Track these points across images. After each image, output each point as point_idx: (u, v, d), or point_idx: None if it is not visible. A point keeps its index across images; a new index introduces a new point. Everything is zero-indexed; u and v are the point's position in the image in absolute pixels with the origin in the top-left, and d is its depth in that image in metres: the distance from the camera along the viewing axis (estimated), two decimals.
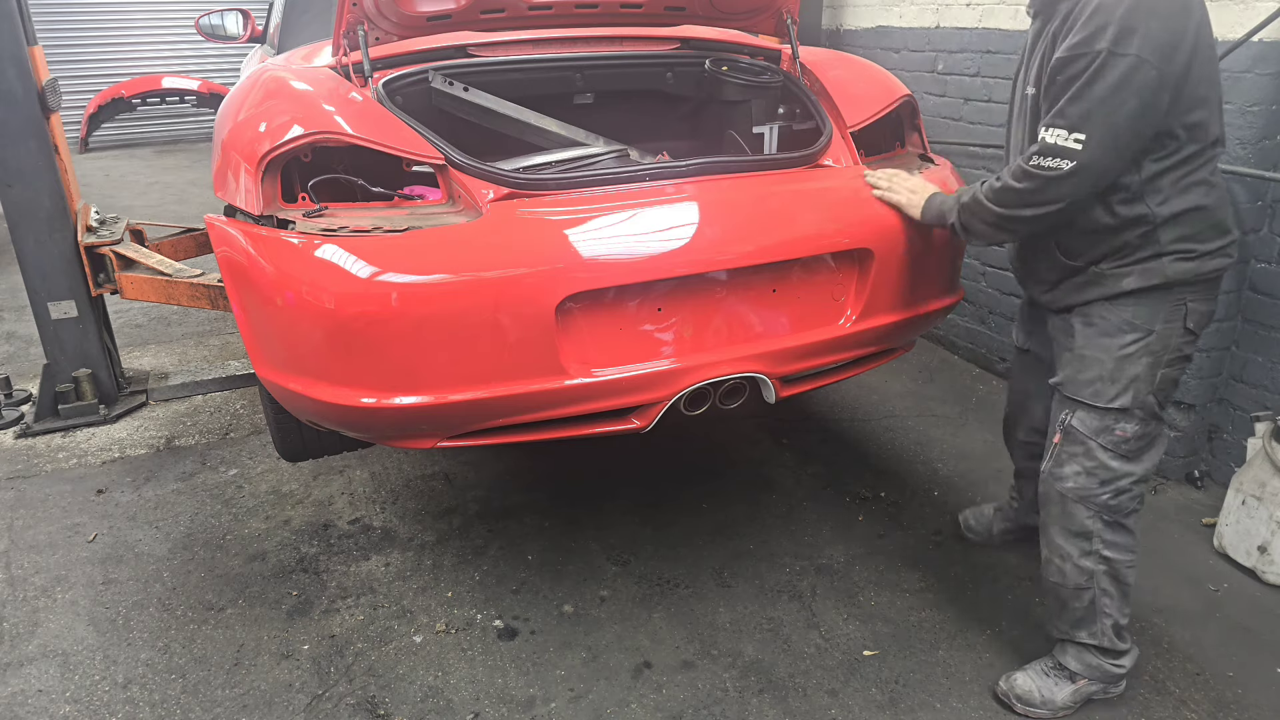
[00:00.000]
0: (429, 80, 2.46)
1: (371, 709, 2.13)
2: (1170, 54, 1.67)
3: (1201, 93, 1.75)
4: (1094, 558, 1.99)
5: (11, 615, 2.45)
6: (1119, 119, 1.69)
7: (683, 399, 2.15)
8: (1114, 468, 1.94)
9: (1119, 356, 1.89)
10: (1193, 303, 1.87)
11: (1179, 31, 1.67)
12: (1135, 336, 1.88)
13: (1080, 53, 1.70)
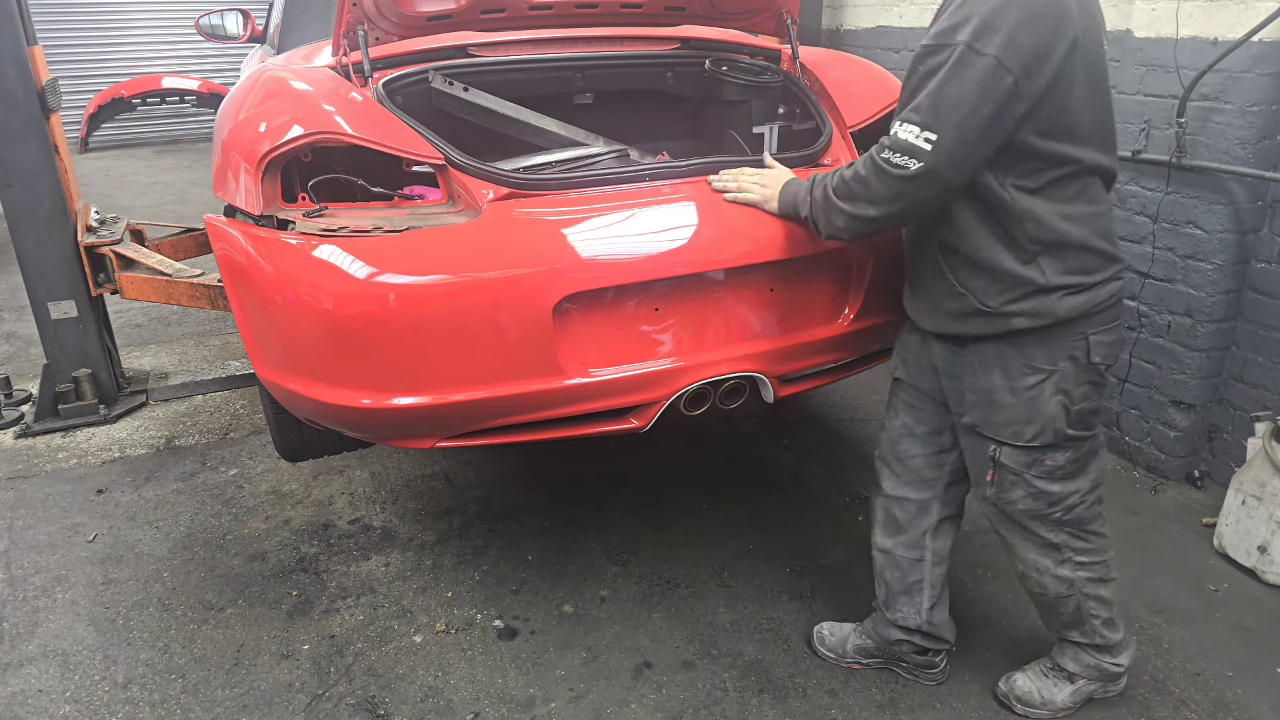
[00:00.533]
0: (429, 80, 2.46)
1: (371, 709, 2.13)
2: (1032, 67, 1.53)
3: (1070, 122, 1.61)
4: (1069, 565, 1.93)
5: (11, 615, 2.45)
6: (972, 124, 1.56)
7: (682, 399, 2.15)
8: (1055, 491, 1.85)
9: (1026, 399, 1.77)
10: (1094, 335, 1.74)
11: (1045, 49, 1.54)
12: (1038, 378, 1.75)
13: (942, 43, 1.59)
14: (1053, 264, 1.69)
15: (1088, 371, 1.76)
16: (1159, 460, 3.11)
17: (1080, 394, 1.77)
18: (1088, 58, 1.59)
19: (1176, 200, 2.91)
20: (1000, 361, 1.78)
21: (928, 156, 1.60)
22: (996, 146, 1.61)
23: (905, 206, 1.69)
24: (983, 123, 1.56)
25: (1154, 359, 3.07)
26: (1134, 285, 3.09)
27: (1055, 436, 1.79)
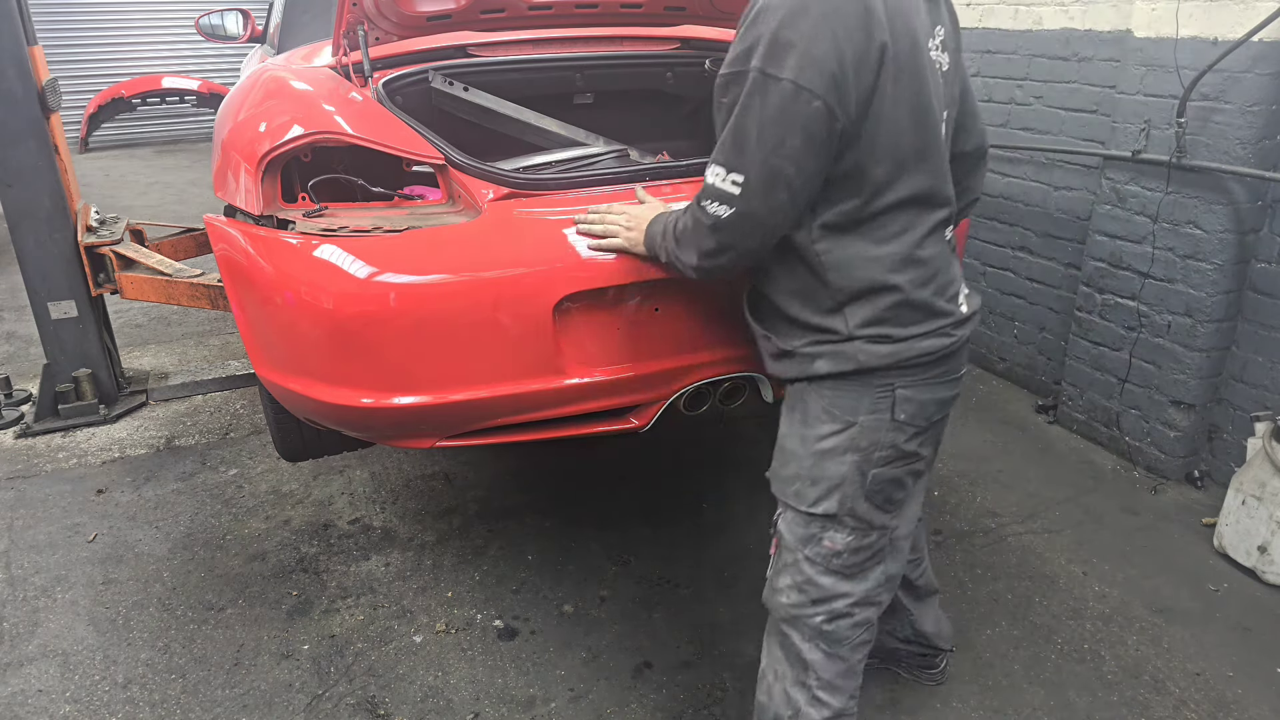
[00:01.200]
0: (429, 80, 2.46)
1: (371, 709, 2.13)
2: (841, 83, 1.31)
3: (891, 144, 1.38)
4: (806, 694, 1.65)
5: (11, 615, 2.45)
6: (782, 159, 1.34)
7: (682, 399, 2.15)
8: (824, 585, 1.59)
9: (817, 451, 1.55)
10: (902, 389, 1.49)
11: (853, 60, 1.30)
12: (835, 428, 1.52)
13: (736, 70, 1.36)
14: (859, 312, 1.46)
15: (892, 431, 1.51)
16: (1159, 460, 3.11)
17: (879, 458, 1.51)
18: (905, 68, 1.36)
19: (1176, 200, 2.91)
20: (803, 406, 1.58)
21: (738, 201, 1.39)
22: (821, 179, 1.40)
23: (735, 255, 1.47)
24: (794, 155, 1.34)
25: (1154, 359, 3.07)
26: (1134, 285, 3.09)
27: (841, 506, 1.54)
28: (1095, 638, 2.35)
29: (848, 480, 1.53)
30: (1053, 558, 2.67)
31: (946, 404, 1.56)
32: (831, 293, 1.47)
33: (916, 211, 1.44)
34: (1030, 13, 3.52)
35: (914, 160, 1.41)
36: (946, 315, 1.49)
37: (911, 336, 1.47)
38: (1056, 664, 2.26)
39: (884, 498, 1.56)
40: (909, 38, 1.36)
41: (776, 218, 1.41)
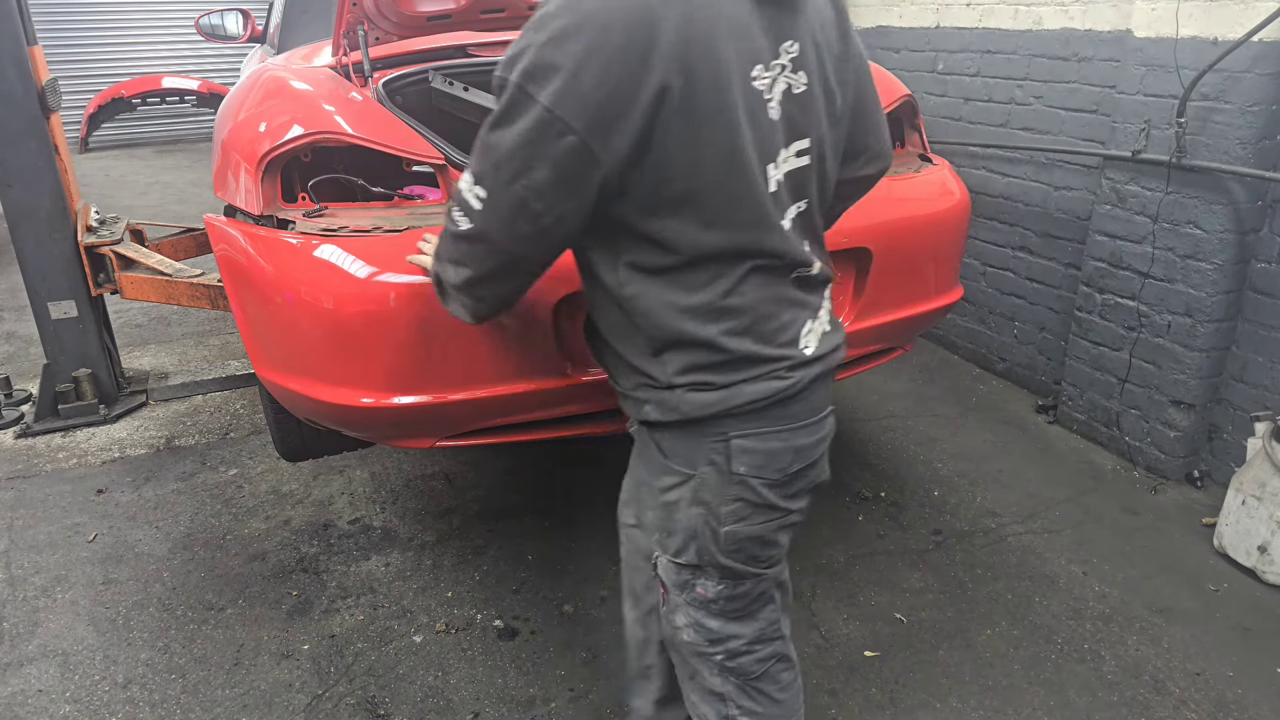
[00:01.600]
0: (429, 80, 2.46)
1: (371, 709, 2.13)
2: (608, 123, 1.10)
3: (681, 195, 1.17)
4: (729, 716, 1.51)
5: (11, 615, 2.45)
6: (524, 190, 1.15)
7: None
8: (714, 628, 1.43)
9: (664, 502, 1.39)
10: (739, 440, 1.30)
11: (625, 98, 1.09)
12: (675, 480, 1.36)
13: (501, 75, 1.18)
14: (675, 359, 1.29)
15: (733, 484, 1.32)
16: (1159, 460, 3.12)
17: (728, 513, 1.33)
18: (701, 110, 1.13)
19: (1176, 200, 2.91)
20: (647, 452, 1.42)
21: (477, 217, 1.21)
22: (580, 218, 1.20)
23: (474, 275, 1.28)
24: (541, 189, 1.15)
25: (1154, 359, 3.07)
26: (1134, 285, 3.09)
27: (701, 558, 1.37)
28: (1095, 638, 2.35)
29: (700, 534, 1.36)
30: (1053, 558, 2.68)
31: (807, 451, 1.36)
32: (647, 338, 1.30)
33: (729, 261, 1.24)
34: (1030, 13, 3.52)
35: (724, 211, 1.20)
36: (777, 360, 1.29)
37: (736, 382, 1.28)
38: (1056, 664, 2.26)
39: (747, 555, 1.37)
40: (711, 75, 1.13)
41: (520, 248, 1.23)
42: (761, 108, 1.20)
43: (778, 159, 1.25)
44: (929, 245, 2.40)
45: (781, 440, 1.32)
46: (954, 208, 2.48)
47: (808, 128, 1.28)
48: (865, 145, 1.48)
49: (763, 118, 1.21)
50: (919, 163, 2.62)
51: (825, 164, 1.35)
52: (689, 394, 1.29)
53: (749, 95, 1.18)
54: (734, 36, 1.15)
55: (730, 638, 1.44)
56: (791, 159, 1.27)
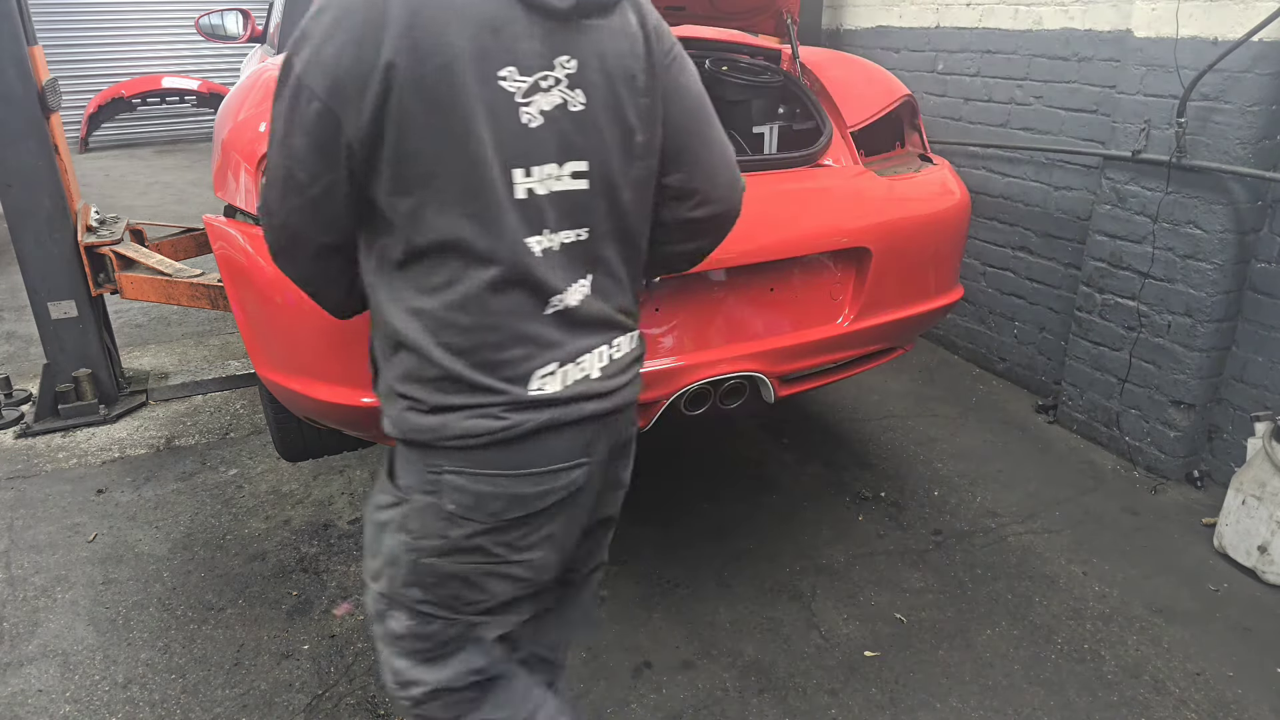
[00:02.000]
0: None
1: (371, 709, 2.13)
2: (345, 93, 1.13)
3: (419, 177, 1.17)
4: None
5: (11, 615, 2.45)
6: (289, 159, 1.19)
7: (683, 399, 2.15)
8: (398, 668, 1.36)
9: (375, 521, 1.35)
10: (451, 475, 1.24)
11: (359, 71, 1.12)
12: (390, 500, 1.32)
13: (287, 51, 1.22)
14: (399, 363, 1.25)
15: (441, 520, 1.26)
16: (1159, 460, 3.12)
17: (431, 547, 1.27)
18: (431, 93, 1.13)
19: (1176, 200, 2.91)
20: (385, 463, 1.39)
21: (262, 191, 1.26)
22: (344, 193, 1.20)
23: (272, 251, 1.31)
24: (301, 157, 1.18)
25: (1154, 359, 3.07)
26: (1134, 285, 3.09)
27: (392, 586, 1.33)
28: (1095, 638, 2.35)
29: (399, 561, 1.31)
30: (1053, 558, 2.68)
31: (530, 501, 1.26)
32: (383, 334, 1.27)
33: (462, 265, 1.19)
34: (1030, 13, 3.52)
35: (458, 202, 1.17)
36: (496, 394, 1.21)
37: (449, 408, 1.22)
38: (1056, 664, 2.26)
39: (448, 593, 1.31)
40: (438, 60, 1.13)
41: (295, 220, 1.24)
42: (510, 110, 1.17)
43: (532, 169, 1.20)
44: (929, 245, 2.40)
45: (498, 486, 1.25)
46: (954, 208, 2.48)
47: (587, 151, 1.23)
48: (693, 189, 1.38)
49: (510, 120, 1.17)
50: (919, 163, 2.62)
51: (619, 195, 1.27)
52: (407, 412, 1.25)
53: (492, 92, 1.16)
54: (477, 30, 1.15)
55: (414, 683, 1.35)
56: (566, 179, 1.22)
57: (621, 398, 1.33)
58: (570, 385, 1.25)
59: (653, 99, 1.29)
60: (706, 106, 1.37)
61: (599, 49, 1.22)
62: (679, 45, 1.35)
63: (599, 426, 1.31)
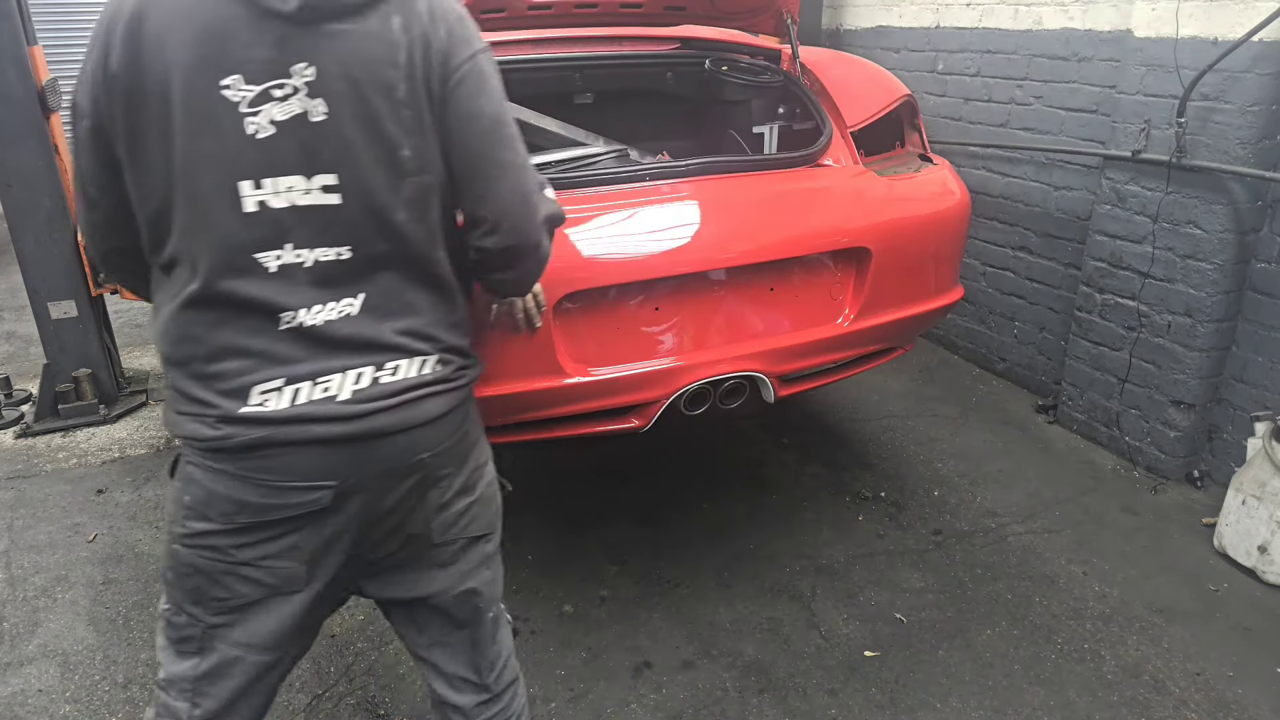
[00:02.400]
0: None
1: (371, 709, 2.13)
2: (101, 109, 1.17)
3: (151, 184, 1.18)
4: None
5: (11, 615, 2.45)
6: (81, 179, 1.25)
7: (683, 398, 2.15)
8: (157, 644, 1.36)
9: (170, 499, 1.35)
10: (191, 466, 1.25)
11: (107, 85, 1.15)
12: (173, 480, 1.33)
13: None
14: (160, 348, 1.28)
15: (179, 508, 1.27)
16: (1159, 460, 3.11)
17: (176, 534, 1.28)
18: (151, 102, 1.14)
19: (1176, 200, 2.91)
20: None
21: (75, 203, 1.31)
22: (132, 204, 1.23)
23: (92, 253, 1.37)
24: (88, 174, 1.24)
25: (1154, 359, 3.07)
26: (1134, 285, 3.09)
27: (161, 567, 1.34)
28: (1095, 638, 2.35)
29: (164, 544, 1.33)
30: (1053, 558, 2.67)
31: (258, 510, 1.23)
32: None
33: (187, 276, 1.19)
34: (1030, 13, 3.52)
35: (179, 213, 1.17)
36: (208, 405, 1.20)
37: (179, 410, 1.24)
38: (1056, 664, 2.26)
39: (193, 585, 1.28)
40: (157, 71, 1.13)
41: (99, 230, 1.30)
42: (235, 120, 1.14)
43: (264, 181, 1.15)
44: (929, 245, 2.40)
45: (226, 487, 1.22)
46: (954, 208, 2.48)
47: (335, 164, 1.18)
48: (481, 216, 1.29)
49: (235, 131, 1.14)
50: (919, 163, 2.62)
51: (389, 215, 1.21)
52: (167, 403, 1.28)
53: (212, 103, 1.13)
54: (201, 38, 1.12)
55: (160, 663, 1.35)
56: (316, 193, 1.18)
57: (378, 423, 1.24)
58: (301, 405, 1.21)
59: (418, 111, 1.20)
60: (503, 130, 1.27)
61: (343, 55, 1.16)
62: (481, 62, 1.24)
63: (352, 450, 1.24)
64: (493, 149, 1.26)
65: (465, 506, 1.39)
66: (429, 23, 1.20)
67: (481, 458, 1.44)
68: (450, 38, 1.21)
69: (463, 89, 1.22)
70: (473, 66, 1.23)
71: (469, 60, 1.23)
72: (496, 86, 1.27)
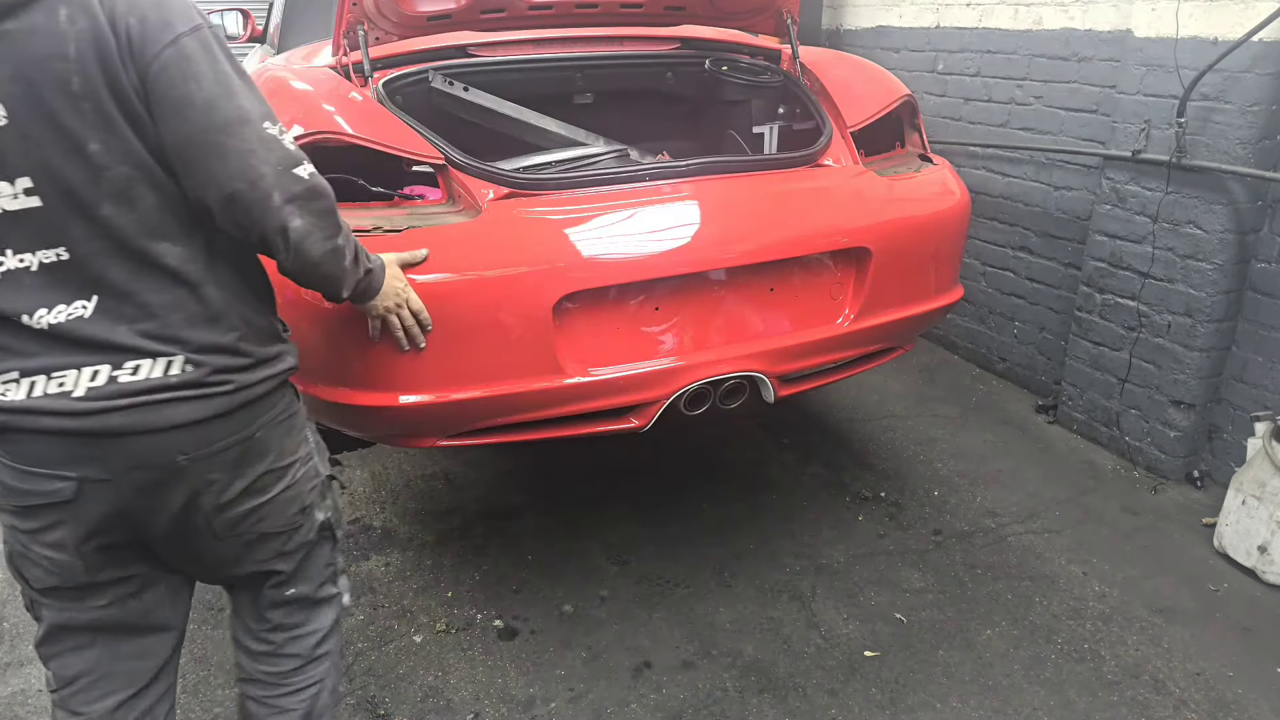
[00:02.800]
0: (429, 80, 2.46)
1: (371, 709, 2.13)
2: None
3: None
4: None
5: (11, 615, 2.45)
6: None
7: (682, 398, 2.15)
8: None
9: None
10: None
11: None
12: None
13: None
14: None
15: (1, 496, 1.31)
16: (1159, 460, 3.11)
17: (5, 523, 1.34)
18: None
19: (1176, 200, 2.91)
20: None
21: None
22: None
23: None
24: None
25: (1154, 359, 3.07)
26: (1134, 285, 3.09)
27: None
28: (1095, 638, 2.35)
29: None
30: (1053, 558, 2.67)
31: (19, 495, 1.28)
32: None
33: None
34: (1030, 13, 3.52)
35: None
36: None
37: None
38: (1056, 664, 2.26)
39: (16, 555, 1.35)
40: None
41: None
42: None
43: None
44: (930, 245, 2.40)
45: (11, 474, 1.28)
46: (954, 208, 2.48)
47: (27, 167, 1.17)
48: (206, 205, 1.26)
49: None
50: (919, 163, 2.62)
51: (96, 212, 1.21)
52: None
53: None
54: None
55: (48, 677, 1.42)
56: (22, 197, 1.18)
57: (112, 421, 1.25)
58: (36, 397, 1.24)
59: (98, 103, 1.17)
60: (217, 114, 1.22)
61: (13, 56, 1.14)
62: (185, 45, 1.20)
63: (89, 444, 1.26)
64: (207, 134, 1.22)
65: (254, 507, 1.40)
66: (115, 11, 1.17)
67: (280, 460, 1.42)
68: (144, 24, 1.18)
69: (165, 77, 1.19)
70: (175, 51, 1.19)
71: (170, 45, 1.19)
72: (208, 68, 1.21)
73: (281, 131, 1.28)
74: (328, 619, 1.62)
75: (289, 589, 1.54)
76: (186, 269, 1.28)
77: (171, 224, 1.26)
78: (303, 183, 1.29)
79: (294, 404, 1.47)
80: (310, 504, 1.50)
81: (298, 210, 1.28)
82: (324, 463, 1.56)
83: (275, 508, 1.43)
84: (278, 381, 1.40)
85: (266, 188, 1.25)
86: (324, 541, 1.56)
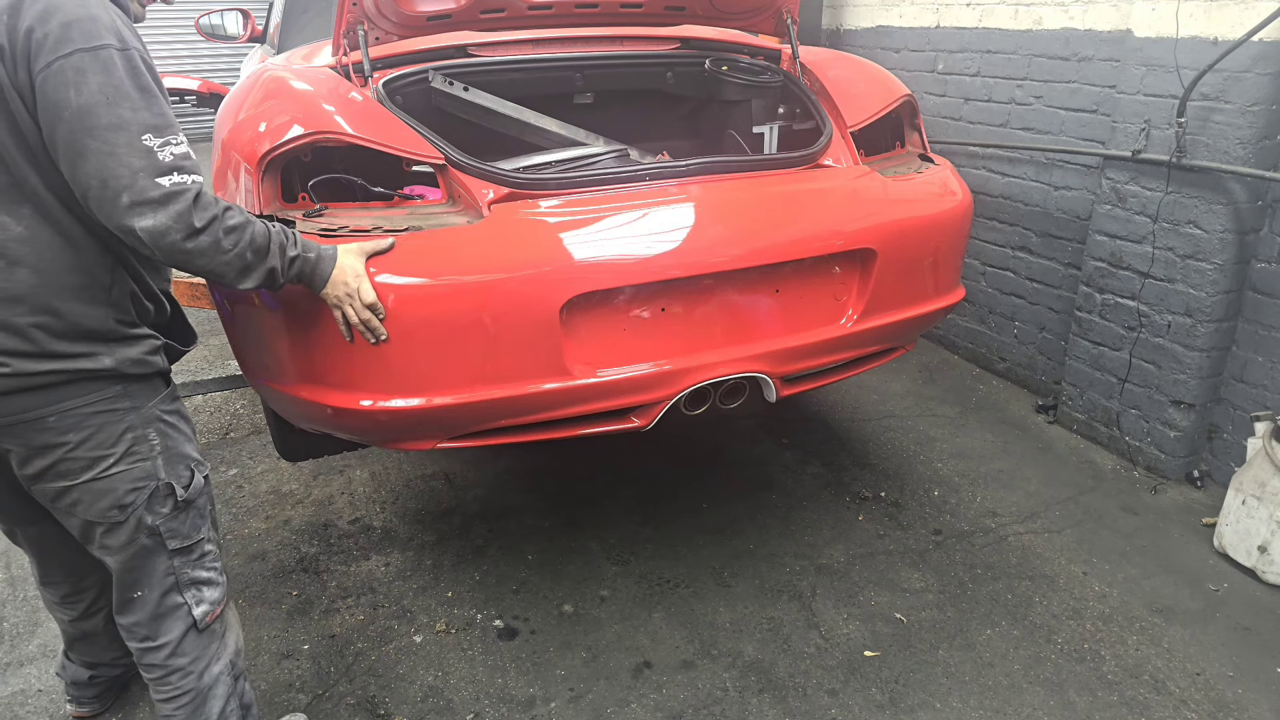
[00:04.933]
0: (429, 80, 2.46)
1: (371, 709, 2.13)
2: None
3: None
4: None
5: (12, 615, 2.45)
6: None
7: (683, 398, 2.15)
8: None
9: None
10: None
11: None
12: None
13: None
14: None
15: None
16: (1159, 460, 3.12)
17: None
18: None
19: (1176, 200, 2.91)
20: None
21: None
22: None
23: None
24: None
25: (1154, 359, 3.07)
26: (1134, 285, 3.09)
27: None
28: (1095, 638, 2.35)
29: None
30: (1053, 558, 2.68)
31: None
32: None
33: None
34: (1030, 13, 3.52)
35: None
36: None
37: None
38: (1056, 664, 2.26)
39: None
40: None
41: None
42: None
43: None
44: (933, 246, 2.40)
45: None
46: (957, 208, 2.48)
47: None
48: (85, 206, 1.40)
49: None
50: (919, 163, 2.62)
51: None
52: None
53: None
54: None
55: None
56: None
57: None
58: None
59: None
60: (90, 119, 1.34)
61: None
62: (77, 60, 1.32)
63: None
64: (75, 136, 1.34)
65: (63, 488, 1.52)
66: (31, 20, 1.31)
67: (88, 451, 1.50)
68: (47, 37, 1.32)
69: (50, 83, 1.32)
70: (65, 63, 1.32)
71: (63, 58, 1.32)
72: (98, 81, 1.33)
73: (164, 146, 1.37)
74: (174, 631, 1.65)
75: (128, 591, 1.63)
76: (10, 246, 1.40)
77: (6, 202, 1.39)
78: (160, 189, 1.37)
79: (117, 401, 1.51)
80: (131, 504, 1.55)
81: (148, 211, 1.37)
82: (171, 471, 1.58)
83: (87, 495, 1.53)
84: (71, 377, 1.46)
85: (117, 188, 1.35)
86: (157, 549, 1.60)
